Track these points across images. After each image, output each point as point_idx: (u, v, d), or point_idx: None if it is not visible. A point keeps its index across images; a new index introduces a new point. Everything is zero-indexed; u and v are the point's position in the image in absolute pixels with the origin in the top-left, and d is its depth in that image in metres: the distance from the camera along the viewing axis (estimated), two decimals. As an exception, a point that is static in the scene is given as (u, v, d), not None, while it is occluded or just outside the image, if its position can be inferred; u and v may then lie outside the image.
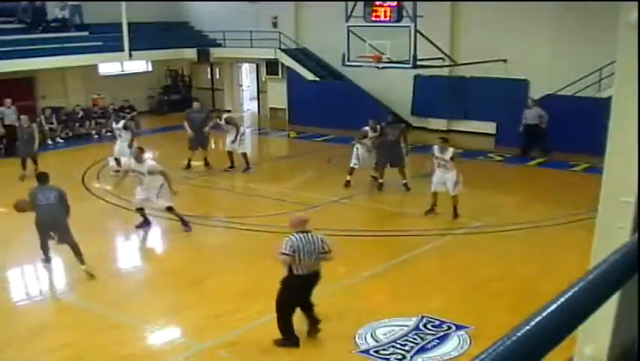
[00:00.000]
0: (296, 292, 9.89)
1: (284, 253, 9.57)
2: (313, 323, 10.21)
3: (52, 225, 13.03)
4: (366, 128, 18.89)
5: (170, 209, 15.63)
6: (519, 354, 1.60)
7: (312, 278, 9.83)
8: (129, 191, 18.40)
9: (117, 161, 20.84)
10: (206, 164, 21.80)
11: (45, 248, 13.24)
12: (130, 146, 19.75)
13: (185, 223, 15.62)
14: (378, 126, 18.86)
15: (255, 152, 27.73)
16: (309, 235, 9.72)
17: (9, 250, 15.08)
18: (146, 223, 15.96)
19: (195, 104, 22.87)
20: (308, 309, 10.17)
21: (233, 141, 21.16)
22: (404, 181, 18.63)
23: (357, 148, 19.08)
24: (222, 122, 21.49)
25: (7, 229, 15.76)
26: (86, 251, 14.12)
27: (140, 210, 15.88)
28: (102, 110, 29.14)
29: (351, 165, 19.08)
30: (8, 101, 24.76)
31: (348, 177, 19.06)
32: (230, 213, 17.29)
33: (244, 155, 21.44)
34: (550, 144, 22.67)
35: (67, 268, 14.04)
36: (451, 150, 16.05)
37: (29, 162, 20.62)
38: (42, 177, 13.58)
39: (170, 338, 10.71)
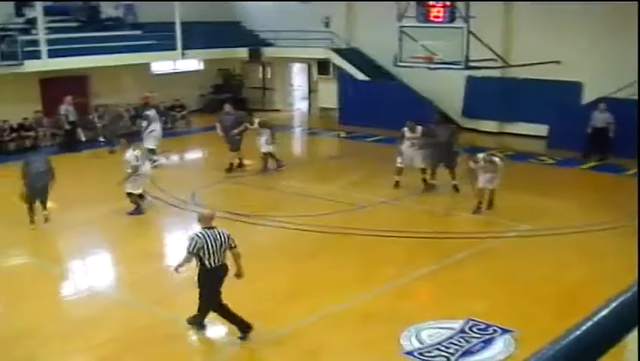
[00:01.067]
0: (214, 284, 10.16)
1: (190, 253, 9.94)
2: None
3: (42, 189, 15.71)
4: (405, 128, 18.80)
5: (129, 195, 16.94)
6: (568, 360, 1.54)
7: (222, 271, 10.12)
8: (175, 188, 18.64)
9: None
10: (240, 165, 21.81)
11: (31, 212, 15.75)
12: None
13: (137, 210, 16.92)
14: (419, 127, 18.72)
15: (304, 151, 27.82)
16: (216, 230, 10.02)
17: (60, 244, 15.35)
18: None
19: (227, 107, 22.90)
20: None
21: (268, 142, 21.09)
22: (454, 182, 18.49)
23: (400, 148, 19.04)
24: (255, 125, 21.38)
25: (59, 224, 16.02)
26: (134, 248, 14.29)
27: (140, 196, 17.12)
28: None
29: (397, 164, 19.01)
30: (69, 98, 25.08)
31: (396, 178, 18.97)
32: (279, 212, 17.31)
33: (272, 154, 21.33)
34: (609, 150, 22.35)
35: (114, 264, 14.23)
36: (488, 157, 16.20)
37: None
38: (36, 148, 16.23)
39: (215, 335, 10.74)
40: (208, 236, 9.87)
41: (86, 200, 18.18)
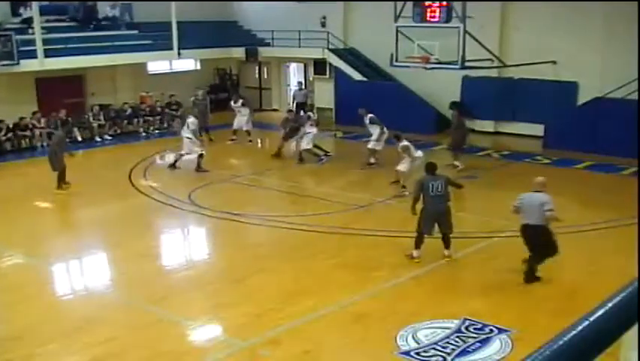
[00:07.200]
0: None
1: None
2: None
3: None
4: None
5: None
6: (566, 359, 1.55)
7: None
8: (171, 187, 18.61)
9: None
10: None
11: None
12: None
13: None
14: None
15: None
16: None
17: (56, 244, 15.32)
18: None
19: None
20: None
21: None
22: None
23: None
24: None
25: (54, 223, 16.00)
26: (131, 248, 14.27)
27: None
28: (150, 108, 29.46)
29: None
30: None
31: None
32: (276, 211, 17.29)
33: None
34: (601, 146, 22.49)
35: (112, 264, 14.20)
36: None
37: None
38: None
39: (212, 335, 10.74)
40: None
41: (82, 201, 18.19)
